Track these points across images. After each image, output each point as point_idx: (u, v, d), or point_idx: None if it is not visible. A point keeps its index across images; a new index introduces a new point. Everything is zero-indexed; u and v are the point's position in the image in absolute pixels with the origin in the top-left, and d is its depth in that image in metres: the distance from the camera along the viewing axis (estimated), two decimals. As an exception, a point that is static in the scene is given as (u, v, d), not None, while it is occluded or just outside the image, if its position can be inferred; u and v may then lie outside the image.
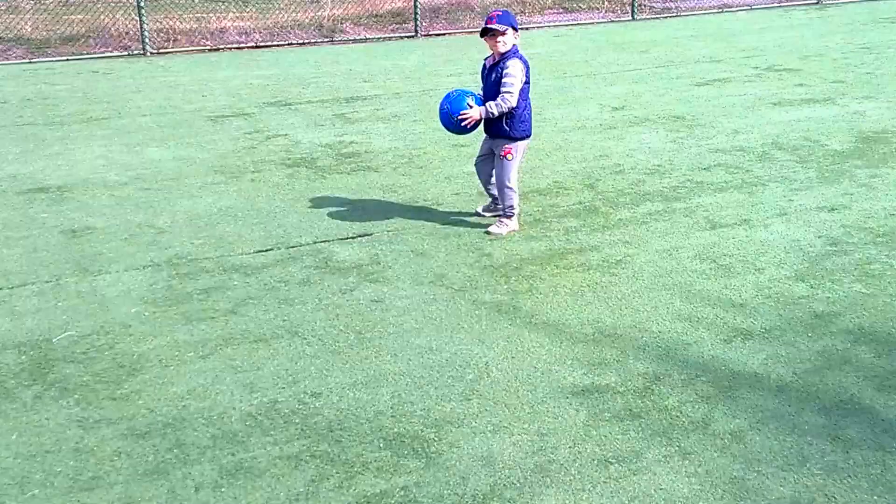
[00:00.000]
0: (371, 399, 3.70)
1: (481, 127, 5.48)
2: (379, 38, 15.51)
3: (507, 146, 5.43)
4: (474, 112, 5.26)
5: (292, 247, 5.45)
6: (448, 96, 5.42)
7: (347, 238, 5.58)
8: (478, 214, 5.84)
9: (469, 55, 13.07)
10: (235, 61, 13.24)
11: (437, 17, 16.91)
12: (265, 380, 3.88)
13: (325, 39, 15.43)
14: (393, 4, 18.39)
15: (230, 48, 14.64)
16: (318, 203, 6.26)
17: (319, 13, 17.39)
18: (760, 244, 5.28)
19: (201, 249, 5.45)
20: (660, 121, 8.36)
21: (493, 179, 5.64)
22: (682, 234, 5.47)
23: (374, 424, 3.53)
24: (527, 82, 5.35)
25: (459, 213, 5.97)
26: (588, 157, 7.23)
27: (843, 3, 18.58)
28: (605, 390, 3.74)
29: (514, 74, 5.25)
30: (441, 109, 5.43)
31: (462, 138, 7.89)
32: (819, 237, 5.37)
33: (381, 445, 3.39)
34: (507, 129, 5.38)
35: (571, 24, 16.41)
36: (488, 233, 5.52)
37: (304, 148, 7.78)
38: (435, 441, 3.41)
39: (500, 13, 5.36)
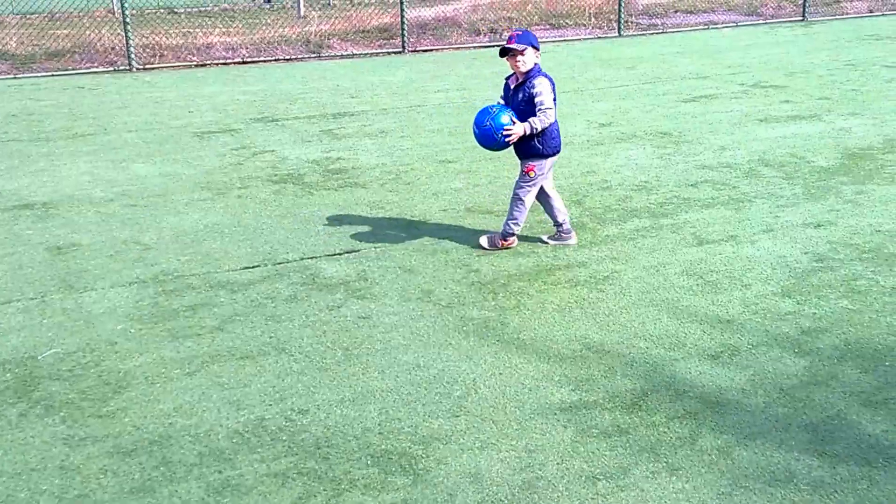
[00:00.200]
0: (358, 416, 3.69)
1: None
2: (366, 54, 15.54)
3: (530, 163, 5.38)
4: (518, 128, 5.19)
5: (279, 263, 5.44)
6: (487, 113, 5.29)
7: (335, 254, 5.57)
8: (542, 242, 5.71)
9: (456, 71, 13.12)
10: (222, 77, 13.24)
11: (425, 32, 16.97)
12: (252, 397, 3.86)
13: (313, 55, 15.45)
14: (380, 20, 18.44)
15: (217, 64, 14.65)
16: (305, 219, 6.26)
17: (306, 29, 17.42)
18: (747, 260, 5.30)
19: (187, 266, 5.43)
20: (647, 137, 8.39)
21: (556, 203, 5.59)
22: (669, 251, 5.49)
23: (362, 441, 3.51)
24: (553, 99, 5.33)
25: (447, 229, 5.97)
26: (575, 173, 7.25)
27: (827, 20, 18.74)
28: (592, 406, 3.73)
29: (544, 92, 5.22)
30: (482, 126, 5.29)
31: (450, 155, 7.93)
32: (805, 253, 5.39)
33: (369, 462, 3.38)
34: (540, 146, 5.33)
35: (558, 41, 16.49)
36: (479, 246, 5.56)
37: (290, 164, 7.77)
38: (423, 458, 3.40)
39: (520, 32, 5.33)
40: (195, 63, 14.59)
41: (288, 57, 15.22)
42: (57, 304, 4.89)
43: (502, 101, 5.47)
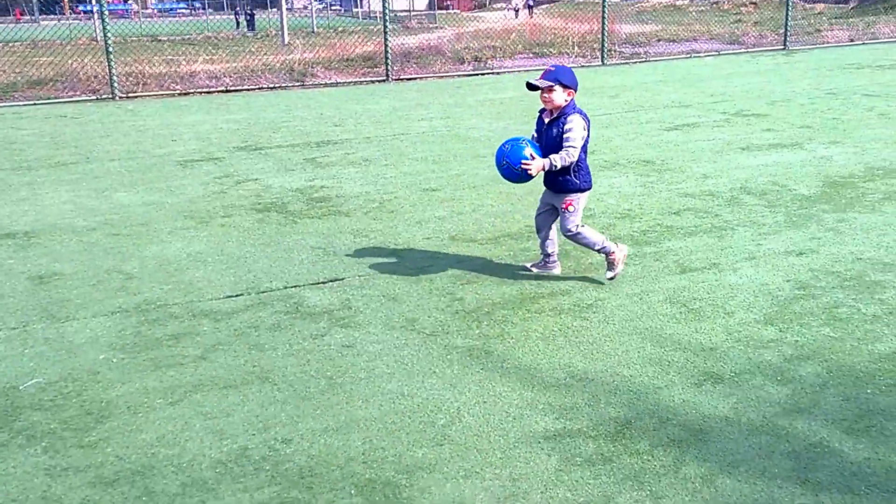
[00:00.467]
0: (342, 445, 3.67)
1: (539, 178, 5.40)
2: (350, 83, 15.60)
3: (568, 198, 5.32)
4: (537, 163, 5.12)
5: (263, 292, 5.43)
6: (509, 152, 5.20)
7: (318, 283, 5.57)
8: (526, 269, 5.71)
9: (440, 99, 13.18)
10: (205, 105, 13.26)
11: (409, 61, 17.06)
12: (235, 426, 3.84)
13: (296, 83, 15.50)
14: (364, 48, 18.53)
15: (200, 92, 14.67)
16: (288, 248, 6.25)
17: (290, 57, 17.49)
18: (730, 288, 5.32)
19: (170, 295, 5.41)
20: (630, 165, 8.45)
21: (552, 234, 5.57)
22: (652, 278, 5.51)
23: (346, 471, 3.50)
24: (585, 137, 5.26)
25: (431, 258, 5.98)
26: (558, 201, 7.27)
27: (808, 48, 18.96)
28: (576, 435, 3.73)
29: (575, 129, 5.15)
30: (500, 165, 5.25)
31: (433, 183, 7.95)
32: (787, 281, 5.42)
33: (353, 492, 3.36)
34: (577, 181, 5.28)
35: (542, 69, 16.60)
36: (610, 279, 5.43)
37: (274, 192, 7.78)
38: (406, 487, 3.38)
39: (553, 68, 5.24)
40: (178, 91, 14.61)
41: (272, 85, 15.27)
42: (39, 334, 4.86)
43: (535, 135, 5.41)
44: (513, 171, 5.20)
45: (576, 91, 5.25)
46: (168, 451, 3.65)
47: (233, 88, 14.96)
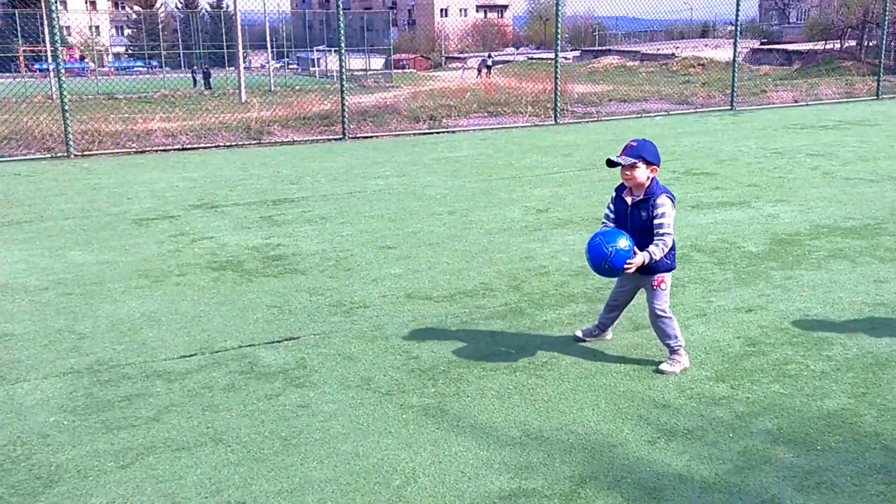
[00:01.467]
0: (296, 508, 3.65)
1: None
2: (307, 141, 15.68)
3: (660, 276, 5.04)
4: (638, 260, 4.83)
5: (217, 351, 5.40)
6: (613, 257, 4.81)
7: (273, 342, 5.55)
8: (577, 339, 5.48)
9: (396, 157, 13.29)
10: (161, 163, 13.24)
11: (365, 119, 17.20)
12: (188, 489, 3.80)
13: (253, 141, 15.54)
14: (321, 107, 18.66)
15: (156, 150, 14.65)
16: (243, 306, 6.23)
17: (247, 115, 17.55)
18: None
19: (123, 355, 5.36)
20: (583, 223, 8.56)
21: (621, 315, 5.39)
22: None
23: (300, 534, 3.47)
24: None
25: (387, 316, 5.99)
26: (514, 258, 7.35)
27: (755, 109, 19.41)
28: (531, 494, 3.74)
29: (668, 214, 4.88)
30: (599, 267, 4.91)
31: (389, 241, 7.99)
32: (738, 338, 5.50)
33: (307, 556, 3.33)
34: (669, 261, 5.01)
35: (496, 128, 16.82)
36: (660, 371, 5.03)
37: (230, 251, 7.76)
38: (361, 550, 3.36)
39: (635, 143, 4.92)
40: (134, 149, 14.58)
41: (228, 143, 15.30)
42: (-13, 396, 4.78)
43: (611, 214, 5.12)
44: (614, 272, 4.91)
45: (658, 167, 4.95)
46: (119, 515, 3.61)
47: (189, 146, 14.95)
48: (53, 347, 5.50)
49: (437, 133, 16.63)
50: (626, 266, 4.81)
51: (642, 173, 4.87)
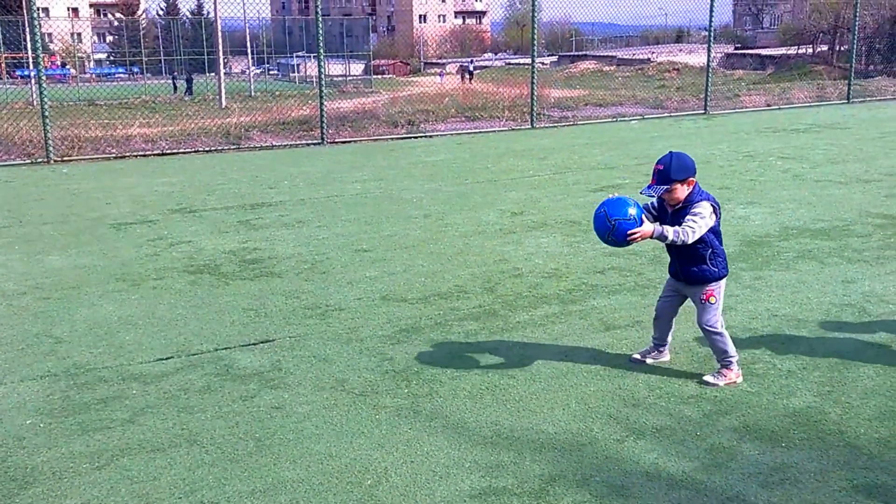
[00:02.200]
0: (269, 507, 3.71)
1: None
2: (286, 145, 15.72)
3: (708, 288, 4.85)
4: (646, 229, 4.62)
5: (193, 354, 5.45)
6: (616, 230, 4.68)
7: (249, 345, 5.61)
8: (634, 361, 5.24)
9: (374, 161, 13.36)
10: (141, 168, 13.26)
11: (343, 124, 17.26)
12: (161, 490, 3.85)
13: (232, 146, 15.57)
14: (300, 112, 18.71)
15: (136, 155, 14.66)
16: (220, 310, 6.28)
17: (227, 121, 17.58)
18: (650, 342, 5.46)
19: (100, 358, 5.40)
20: (557, 225, 8.65)
21: (672, 323, 5.19)
22: (577, 336, 5.64)
23: (273, 532, 3.53)
24: (718, 220, 4.79)
25: (362, 318, 6.06)
26: (488, 261, 7.43)
27: (728, 113, 19.60)
28: (501, 492, 3.80)
29: (702, 215, 4.66)
30: (604, 238, 4.77)
31: (365, 244, 8.05)
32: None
33: (279, 553, 3.39)
34: (715, 268, 4.81)
35: (473, 132, 16.91)
36: (704, 382, 4.93)
37: (207, 255, 7.81)
38: (333, 547, 3.42)
39: (661, 165, 4.69)
40: (114, 155, 14.59)
41: (208, 148, 15.32)
42: (-37, 400, 4.81)
43: (653, 209, 4.96)
44: (618, 244, 4.77)
45: (695, 175, 4.74)
46: (94, 515, 3.66)
47: (169, 152, 14.97)
48: (30, 351, 5.54)
49: (415, 138, 16.71)
50: (629, 236, 4.60)
51: (681, 192, 4.71)
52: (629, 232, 4.60)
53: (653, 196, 4.78)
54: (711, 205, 4.74)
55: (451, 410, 4.61)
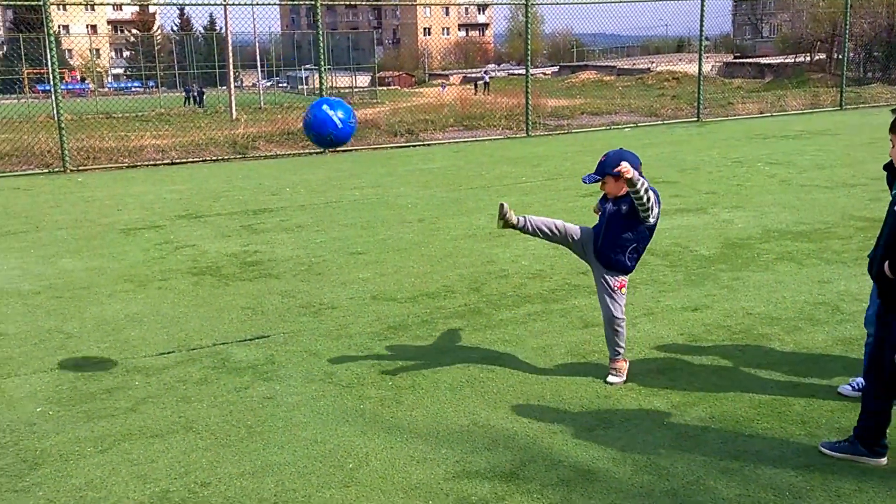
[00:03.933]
0: (256, 487, 3.99)
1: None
2: (290, 154, 16.05)
3: (623, 278, 5.14)
4: (625, 167, 4.75)
5: (193, 349, 5.76)
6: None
7: (245, 340, 5.92)
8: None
9: (373, 169, 13.68)
10: (151, 177, 13.63)
11: (346, 133, 17.53)
12: (159, 471, 4.15)
13: (239, 156, 15.91)
14: (304, 121, 18.99)
15: (147, 165, 15.05)
16: (220, 308, 6.60)
17: (234, 131, 17.92)
18: (627, 341, 5.63)
19: (107, 352, 5.73)
20: (547, 230, 8.90)
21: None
22: (556, 333, 5.90)
23: (259, 509, 3.82)
24: (658, 213, 5.04)
25: (353, 316, 6.35)
26: (476, 262, 7.72)
27: (720, 120, 19.81)
28: (474, 476, 4.04)
29: (656, 195, 4.94)
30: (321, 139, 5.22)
31: (360, 247, 8.33)
32: (681, 334, 5.80)
33: (265, 527, 3.67)
34: (629, 263, 5.09)
35: (470, 141, 17.20)
36: (609, 383, 5.10)
37: (210, 258, 8.13)
38: (314, 522, 3.70)
39: (604, 158, 4.98)
40: (127, 164, 14.98)
41: (215, 158, 15.67)
42: (-22, 391, 5.13)
43: (599, 212, 5.26)
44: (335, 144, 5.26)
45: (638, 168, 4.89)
46: (95, 493, 3.96)
47: (178, 161, 15.34)
48: (43, 346, 5.88)
49: (414, 146, 17.03)
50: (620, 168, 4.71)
51: (612, 186, 5.00)
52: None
53: (586, 183, 5.07)
54: (652, 191, 4.91)
55: (431, 401, 4.88)
